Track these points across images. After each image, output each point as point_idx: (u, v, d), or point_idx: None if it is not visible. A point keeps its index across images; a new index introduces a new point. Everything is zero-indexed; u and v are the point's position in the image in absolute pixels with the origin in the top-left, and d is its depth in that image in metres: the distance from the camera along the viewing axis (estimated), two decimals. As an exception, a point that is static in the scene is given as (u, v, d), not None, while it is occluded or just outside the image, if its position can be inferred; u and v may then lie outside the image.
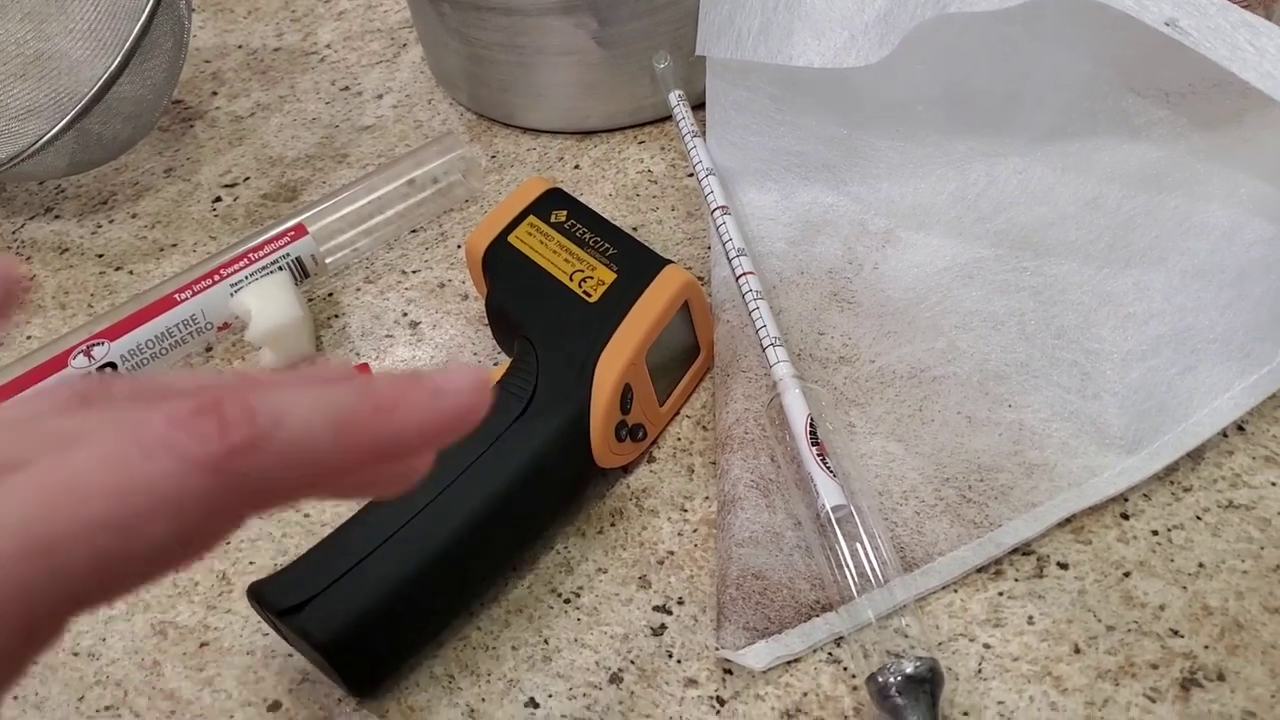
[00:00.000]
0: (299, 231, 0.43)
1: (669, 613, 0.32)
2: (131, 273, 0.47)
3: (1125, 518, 0.32)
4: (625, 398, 0.34)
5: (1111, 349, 0.36)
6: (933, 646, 0.30)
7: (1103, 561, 0.31)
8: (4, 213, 0.52)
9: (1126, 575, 0.31)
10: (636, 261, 0.36)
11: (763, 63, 0.41)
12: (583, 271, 0.36)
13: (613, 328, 0.34)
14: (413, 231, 0.47)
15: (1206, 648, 0.29)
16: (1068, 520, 0.32)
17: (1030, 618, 0.30)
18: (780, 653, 0.30)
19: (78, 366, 0.39)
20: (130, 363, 0.40)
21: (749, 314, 0.37)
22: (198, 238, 0.48)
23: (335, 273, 0.45)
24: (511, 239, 0.37)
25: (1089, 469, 0.33)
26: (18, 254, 0.49)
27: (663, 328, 0.35)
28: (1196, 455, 0.33)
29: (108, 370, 0.40)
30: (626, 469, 0.36)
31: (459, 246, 0.46)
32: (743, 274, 0.38)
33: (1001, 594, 0.31)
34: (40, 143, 0.44)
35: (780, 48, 0.40)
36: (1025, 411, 0.35)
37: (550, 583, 0.33)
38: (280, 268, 0.42)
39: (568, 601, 0.33)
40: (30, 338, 0.45)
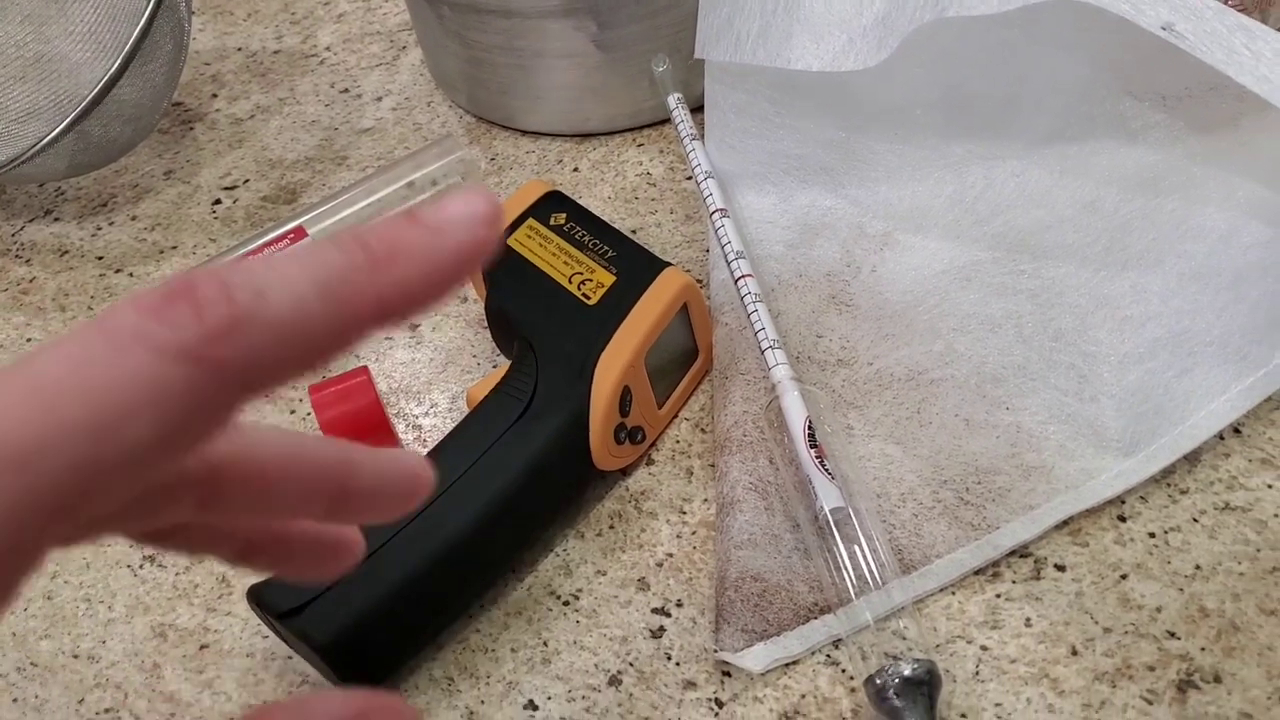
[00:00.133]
0: (299, 234, 0.43)
1: (668, 615, 0.32)
2: (131, 275, 0.47)
3: (1122, 520, 0.33)
4: (624, 400, 0.34)
5: (1109, 351, 0.36)
6: (930, 648, 0.30)
7: (1100, 564, 0.32)
8: (4, 215, 0.52)
9: (1123, 577, 0.31)
10: (635, 264, 0.36)
11: (761, 66, 0.41)
12: (582, 274, 0.36)
13: (612, 330, 0.34)
14: (412, 234, 0.47)
15: (1203, 650, 0.29)
16: (1065, 522, 0.32)
17: (1028, 620, 0.31)
18: (778, 655, 0.30)
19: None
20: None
21: (747, 316, 0.37)
22: (198, 240, 0.48)
23: (335, 275, 0.45)
24: (511, 242, 0.37)
25: (1086, 471, 0.33)
26: (17, 257, 0.49)
27: (661, 330, 0.35)
28: (1193, 458, 0.33)
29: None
30: (625, 471, 0.36)
31: (458, 249, 0.46)
32: (741, 276, 0.38)
33: (999, 596, 0.31)
34: (40, 145, 0.44)
35: (779, 51, 0.40)
36: (1023, 414, 0.35)
37: (549, 585, 0.33)
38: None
39: (567, 604, 0.33)
40: (30, 340, 0.45)
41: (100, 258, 0.48)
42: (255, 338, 0.13)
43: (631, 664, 0.31)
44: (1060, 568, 0.32)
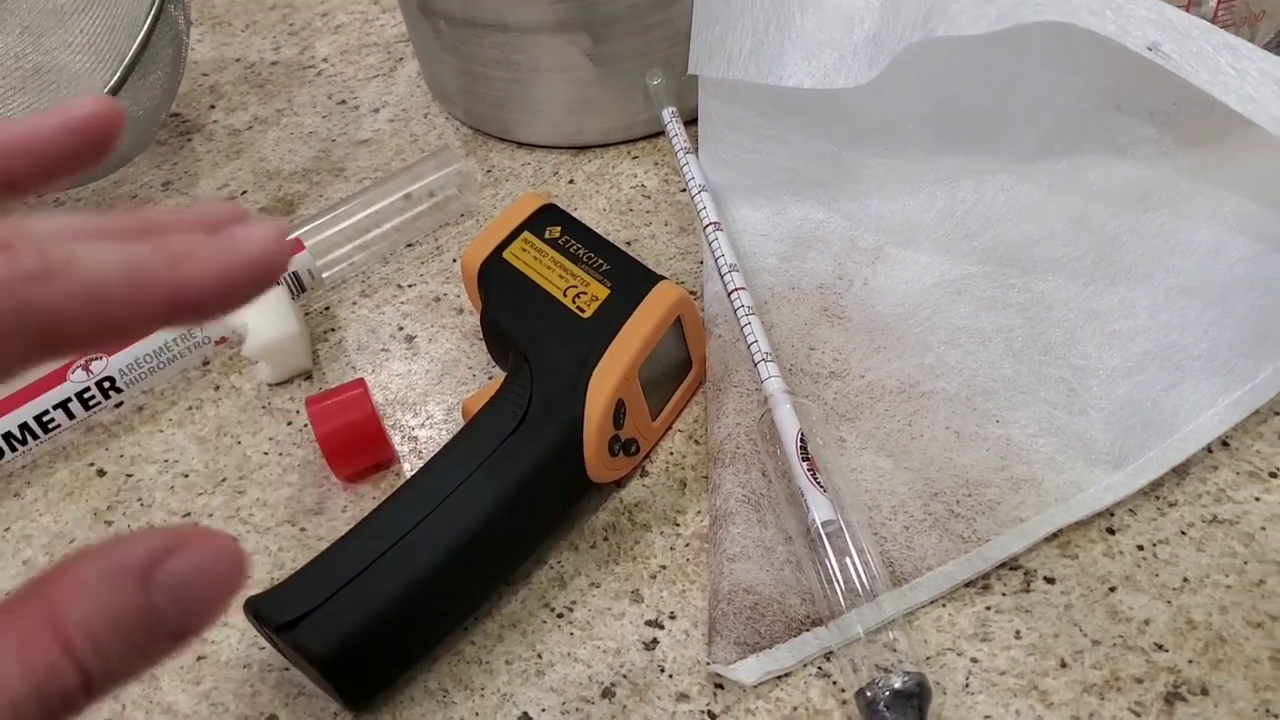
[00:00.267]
0: (296, 246, 0.43)
1: (661, 627, 0.32)
2: (129, 286, 0.47)
3: (1111, 533, 0.33)
4: (618, 412, 0.34)
5: (1097, 365, 0.36)
6: (921, 661, 0.30)
7: (1089, 576, 0.32)
8: (2, 226, 0.52)
9: (1112, 590, 0.32)
10: (630, 277, 0.36)
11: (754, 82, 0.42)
12: (576, 287, 0.36)
13: (606, 343, 0.34)
14: (409, 245, 0.47)
15: (1190, 662, 0.30)
16: (1054, 535, 0.33)
17: (1017, 632, 0.31)
18: (771, 667, 0.30)
19: (76, 380, 0.39)
20: (128, 376, 0.40)
21: (741, 329, 0.38)
22: (195, 251, 0.49)
23: (332, 286, 0.46)
24: (506, 255, 0.38)
25: (1075, 484, 0.33)
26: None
27: (655, 343, 0.35)
28: (1181, 470, 0.34)
29: (106, 384, 0.40)
30: (619, 483, 0.36)
31: (454, 260, 0.46)
32: (735, 289, 0.38)
33: (989, 608, 0.32)
34: (39, 158, 0.44)
35: (771, 68, 0.41)
36: (1012, 427, 0.35)
37: (543, 597, 0.34)
38: (277, 282, 0.42)
39: (560, 616, 0.33)
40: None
41: (98, 269, 0.49)
42: (59, 292, 0.15)
43: (625, 676, 0.31)
44: (1050, 580, 0.32)
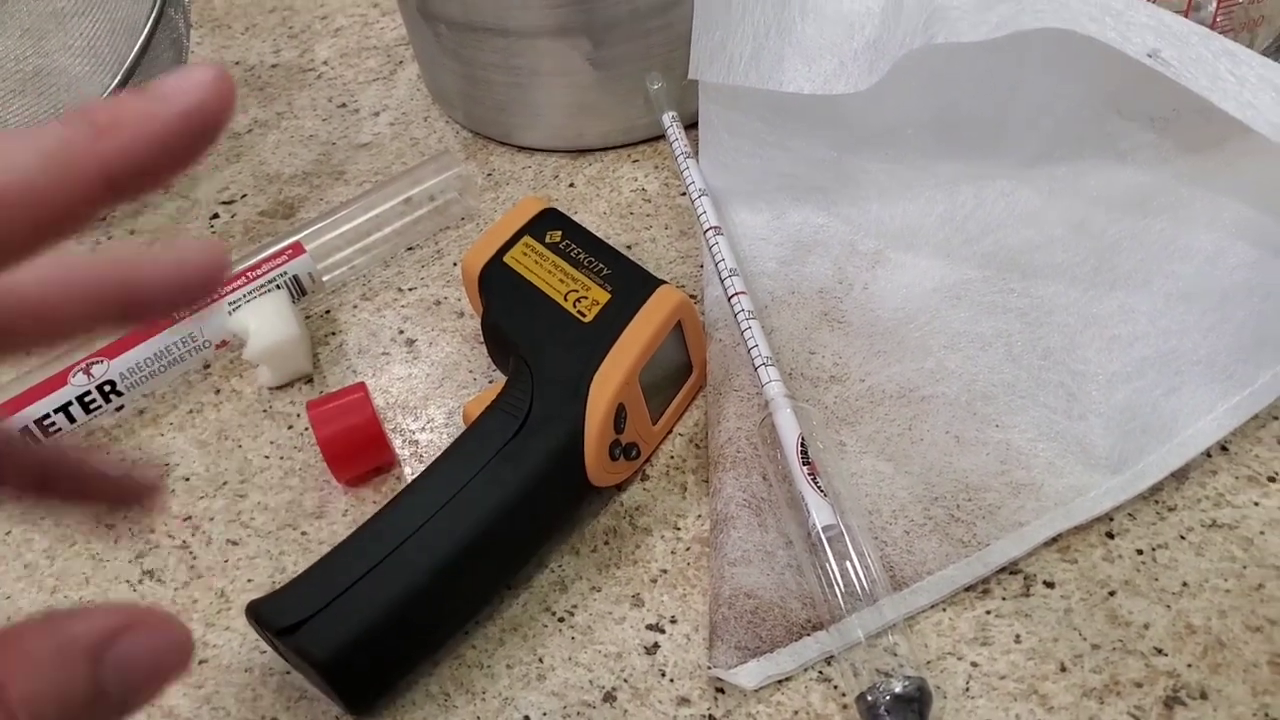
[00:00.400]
0: (296, 250, 0.43)
1: (662, 631, 0.33)
2: (129, 289, 0.47)
3: (1110, 537, 0.33)
4: (619, 416, 0.34)
5: (1097, 370, 0.37)
6: (921, 665, 0.30)
7: (1088, 580, 0.32)
8: (2, 228, 0.52)
9: (1111, 594, 0.32)
10: (630, 281, 0.37)
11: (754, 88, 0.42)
12: (577, 291, 0.36)
13: (607, 347, 0.35)
14: (409, 249, 0.47)
15: (1190, 666, 0.30)
16: (1054, 539, 0.33)
17: (1017, 636, 0.31)
18: (772, 672, 0.30)
19: (77, 384, 0.39)
20: (129, 380, 0.40)
21: (741, 333, 0.38)
22: (195, 254, 0.49)
23: (332, 290, 0.46)
24: (507, 259, 0.38)
25: (1075, 489, 0.33)
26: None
27: (656, 347, 0.35)
28: (1181, 475, 0.34)
29: (106, 388, 0.40)
30: (620, 487, 0.36)
31: (455, 264, 0.46)
32: (735, 294, 0.38)
33: (989, 613, 0.32)
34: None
35: (771, 74, 0.41)
36: (1012, 431, 0.35)
37: (544, 601, 0.34)
38: (277, 286, 0.43)
39: (562, 620, 0.33)
40: (29, 354, 0.45)
41: (98, 272, 0.49)
42: None
43: (626, 680, 0.31)
44: (1049, 584, 0.32)
